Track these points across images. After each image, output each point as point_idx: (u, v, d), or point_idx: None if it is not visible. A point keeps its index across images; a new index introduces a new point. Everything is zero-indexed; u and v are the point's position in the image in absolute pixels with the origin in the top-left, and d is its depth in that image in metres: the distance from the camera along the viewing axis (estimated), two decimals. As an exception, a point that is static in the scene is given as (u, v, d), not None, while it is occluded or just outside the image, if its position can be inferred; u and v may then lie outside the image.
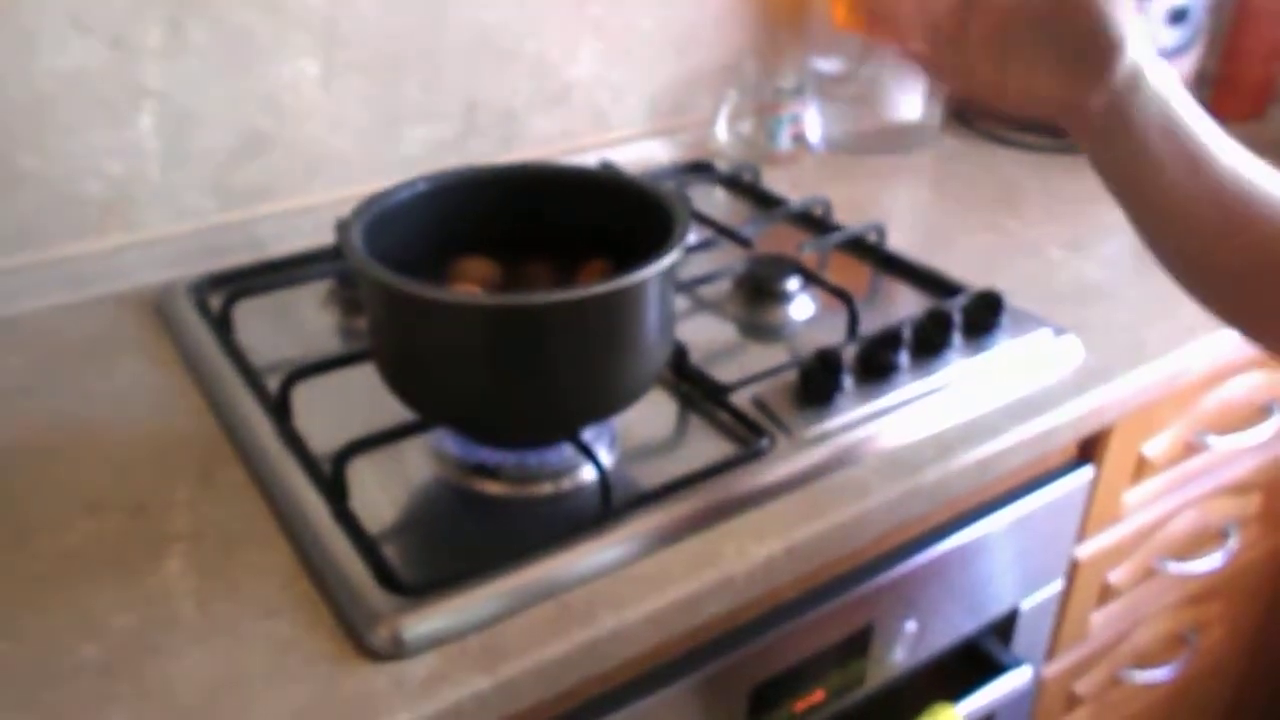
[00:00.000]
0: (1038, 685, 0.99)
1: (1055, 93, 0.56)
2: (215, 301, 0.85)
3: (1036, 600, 0.91)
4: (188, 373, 0.79)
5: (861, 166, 1.20)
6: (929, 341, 0.78)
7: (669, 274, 0.61)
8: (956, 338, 0.80)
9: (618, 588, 0.61)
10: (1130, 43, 0.55)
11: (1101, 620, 1.02)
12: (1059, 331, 0.83)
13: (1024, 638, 0.92)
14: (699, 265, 0.93)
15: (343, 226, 0.64)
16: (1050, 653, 0.98)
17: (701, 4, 1.17)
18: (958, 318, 0.81)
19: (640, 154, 1.16)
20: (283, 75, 0.95)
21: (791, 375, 0.76)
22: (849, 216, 1.01)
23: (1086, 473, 0.87)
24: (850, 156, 1.22)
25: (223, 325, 0.81)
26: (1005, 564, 0.85)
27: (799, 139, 1.20)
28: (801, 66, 1.23)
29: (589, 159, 1.11)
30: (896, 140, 1.24)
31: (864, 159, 1.22)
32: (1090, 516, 0.91)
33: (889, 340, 0.77)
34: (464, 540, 0.64)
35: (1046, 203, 1.12)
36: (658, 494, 0.65)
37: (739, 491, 0.67)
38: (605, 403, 0.64)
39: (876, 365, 0.76)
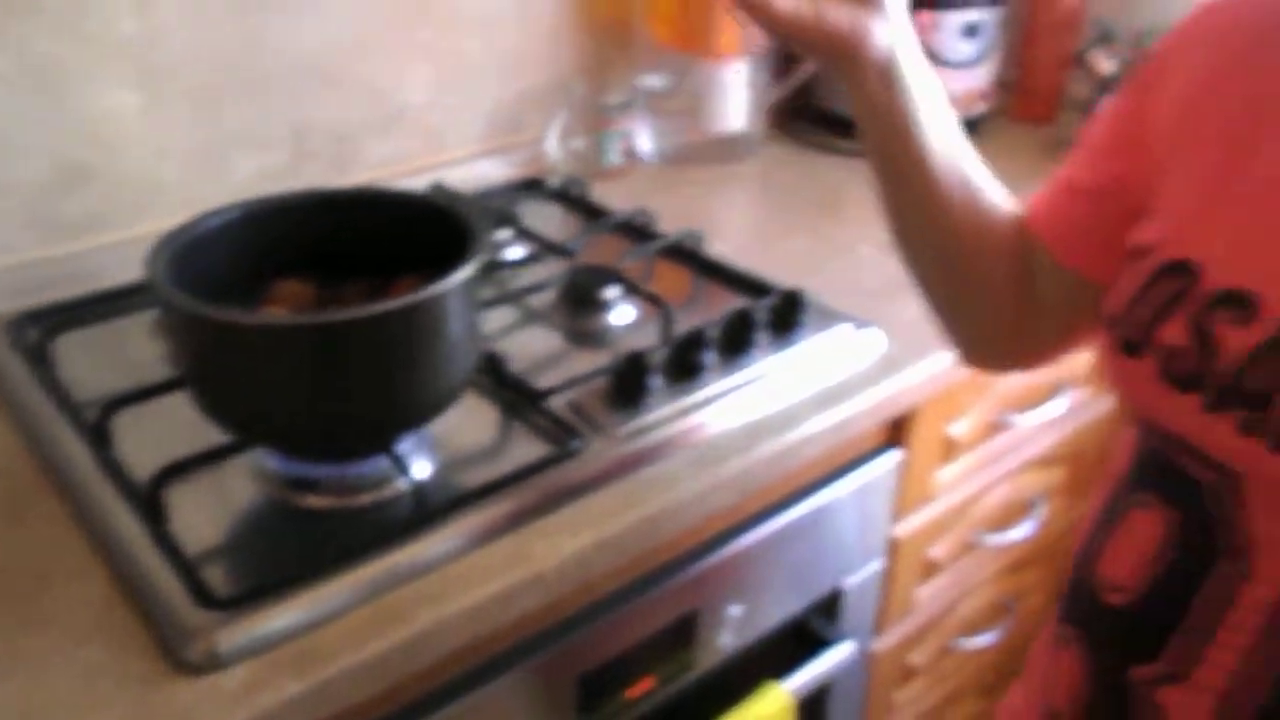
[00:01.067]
0: (869, 659, 1.05)
1: (844, 29, 0.60)
2: (33, 336, 0.84)
3: (859, 578, 0.97)
4: (1, 410, 0.78)
5: (691, 177, 1.26)
6: (736, 340, 0.84)
7: (466, 288, 0.65)
8: (762, 335, 0.86)
9: (433, 588, 0.64)
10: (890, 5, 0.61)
11: (927, 594, 1.09)
12: (861, 325, 0.89)
13: (850, 615, 0.98)
14: (526, 278, 0.97)
15: (149, 256, 0.65)
16: (879, 628, 1.04)
17: (529, 27, 1.21)
18: (762, 317, 0.86)
19: (475, 173, 1.19)
20: (101, 106, 0.94)
21: (606, 379, 0.80)
22: (679, 225, 1.05)
23: (895, 456, 0.93)
24: (680, 168, 1.28)
25: (39, 359, 0.81)
26: (824, 545, 0.91)
27: (630, 153, 1.25)
28: (629, 83, 1.28)
29: (423, 180, 1.13)
30: (724, 151, 1.30)
31: (694, 169, 1.27)
32: (904, 497, 0.98)
33: (696, 341, 0.81)
34: (286, 553, 0.66)
35: (863, 205, 1.17)
36: (472, 496, 0.68)
37: (552, 490, 0.70)
38: (412, 414, 0.67)
39: (685, 365, 0.80)
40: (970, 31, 1.28)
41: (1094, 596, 0.57)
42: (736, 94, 1.28)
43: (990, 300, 0.67)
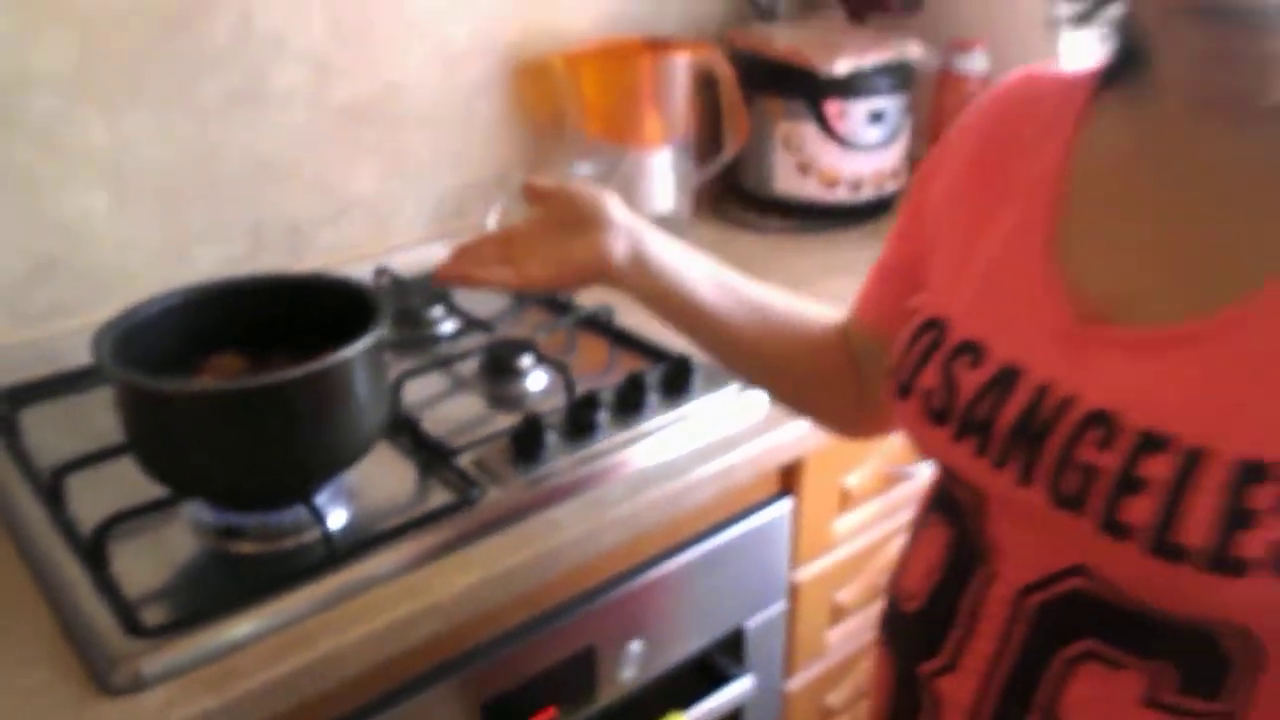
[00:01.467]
0: (784, 700, 1.13)
1: (589, 259, 0.70)
2: (1, 410, 0.95)
3: (762, 619, 1.05)
4: (-29, 475, 0.88)
5: (621, 257, 1.37)
6: (628, 401, 0.93)
7: (368, 356, 0.75)
8: (654, 397, 0.95)
9: (339, 618, 0.73)
10: (610, 207, 0.72)
11: (839, 636, 1.17)
12: (745, 386, 0.99)
13: (755, 653, 1.05)
14: (454, 349, 1.07)
15: (96, 335, 0.76)
16: (789, 668, 1.12)
17: (470, 126, 1.34)
18: (654, 380, 0.96)
19: (420, 257, 1.30)
20: (72, 206, 1.06)
21: (508, 437, 0.89)
22: (605, 300, 1.15)
23: (786, 504, 1.02)
24: (612, 248, 1.39)
25: (8, 430, 0.91)
26: (723, 587, 0.99)
27: (564, 236, 1.37)
28: (564, 172, 1.40)
29: (370, 265, 1.24)
30: (652, 232, 1.41)
31: (624, 250, 1.38)
32: (802, 544, 1.06)
33: (590, 403, 0.91)
34: (215, 593, 0.75)
35: (779, 276, 1.28)
36: (378, 540, 0.78)
37: (450, 534, 0.80)
38: (323, 468, 0.77)
39: (581, 424, 0.90)
40: (876, 118, 1.40)
41: (896, 607, 0.65)
42: (663, 178, 1.40)
43: (824, 393, 0.77)
